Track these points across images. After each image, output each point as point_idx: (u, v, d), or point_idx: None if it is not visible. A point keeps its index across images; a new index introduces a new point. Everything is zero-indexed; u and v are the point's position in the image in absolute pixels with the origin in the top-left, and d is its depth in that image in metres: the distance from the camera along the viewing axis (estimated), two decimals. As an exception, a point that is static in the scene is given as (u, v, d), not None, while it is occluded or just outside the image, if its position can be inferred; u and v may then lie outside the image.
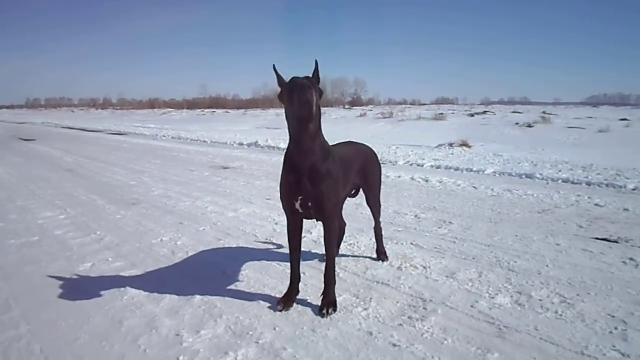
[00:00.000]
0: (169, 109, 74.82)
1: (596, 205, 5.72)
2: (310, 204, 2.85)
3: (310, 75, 2.78)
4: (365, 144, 3.79)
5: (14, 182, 7.97)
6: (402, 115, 31.84)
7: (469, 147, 12.68)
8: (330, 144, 3.01)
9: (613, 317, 2.80)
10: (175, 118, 44.93)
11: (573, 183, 7.24)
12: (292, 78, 2.73)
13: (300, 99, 2.58)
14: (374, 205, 3.75)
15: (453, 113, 37.60)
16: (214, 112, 57.57)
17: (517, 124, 22.34)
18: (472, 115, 32.36)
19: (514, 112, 37.68)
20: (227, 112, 55.36)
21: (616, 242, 4.27)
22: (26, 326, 2.79)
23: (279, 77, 2.83)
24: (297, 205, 2.88)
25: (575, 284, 3.31)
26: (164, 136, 19.74)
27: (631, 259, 3.77)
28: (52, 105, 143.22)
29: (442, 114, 31.44)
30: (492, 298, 3.08)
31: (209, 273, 3.63)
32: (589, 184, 7.12)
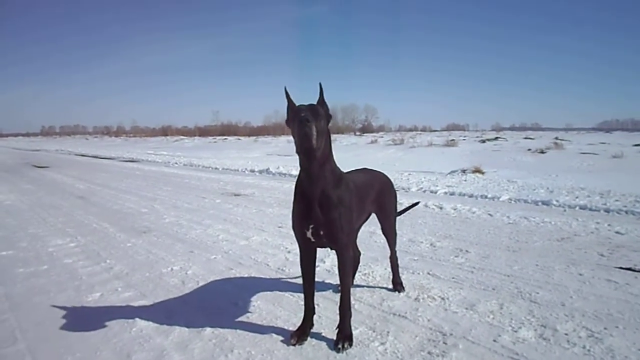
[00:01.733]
0: (181, 136, 75.52)
1: (617, 232, 5.56)
2: (321, 232, 2.76)
3: (317, 100, 2.73)
4: (381, 171, 3.71)
5: (25, 209, 7.96)
6: (413, 141, 31.81)
7: (482, 173, 12.56)
8: (342, 170, 2.94)
9: (644, 352, 2.66)
10: (187, 145, 45.23)
11: (591, 210, 7.08)
12: (298, 106, 2.67)
13: (300, 131, 2.52)
14: (390, 234, 3.65)
15: (464, 139, 37.52)
16: (225, 139, 57.93)
17: (529, 149, 22.17)
18: (484, 141, 32.20)
19: (525, 138, 37.49)
20: (239, 139, 55.70)
21: (641, 271, 4.12)
22: (31, 360, 2.70)
23: (290, 101, 2.78)
24: (309, 234, 2.79)
25: (601, 316, 3.17)
26: (176, 163, 19.81)
27: (658, 290, 3.61)
28: (66, 133, 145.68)
29: (453, 140, 31.36)
30: (515, 331, 2.94)
31: (219, 304, 3.53)
32: (607, 210, 6.96)
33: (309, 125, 2.51)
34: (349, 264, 2.93)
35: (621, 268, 4.21)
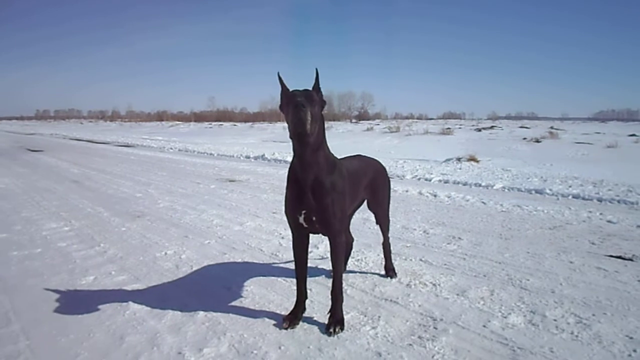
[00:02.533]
0: (177, 122, 75.28)
1: (608, 221, 5.60)
2: (314, 218, 2.78)
3: (312, 85, 2.72)
4: (375, 158, 3.71)
5: (19, 193, 7.94)
6: (409, 129, 31.80)
7: (477, 161, 12.59)
8: (336, 157, 2.94)
9: (631, 338, 2.70)
10: (183, 130, 45.10)
11: (584, 199, 7.12)
12: (292, 91, 2.67)
13: (294, 116, 2.52)
14: (382, 221, 3.67)
15: (460, 127, 37.57)
16: (221, 124, 57.87)
17: (524, 138, 22.26)
18: (479, 130, 32.29)
19: (521, 127, 37.59)
20: (234, 125, 55.63)
21: (630, 259, 4.16)
22: (25, 341, 2.72)
23: (283, 86, 2.77)
24: (301, 220, 2.80)
25: (590, 303, 3.21)
26: (171, 148, 19.75)
27: (647, 278, 3.66)
28: (60, 117, 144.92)
29: (449, 128, 31.43)
30: (505, 317, 2.98)
31: (213, 288, 3.56)
32: (600, 199, 7.00)
33: (303, 111, 2.50)
34: (341, 249, 2.94)
35: (611, 256, 4.26)
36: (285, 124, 2.69)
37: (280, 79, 2.77)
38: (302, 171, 2.72)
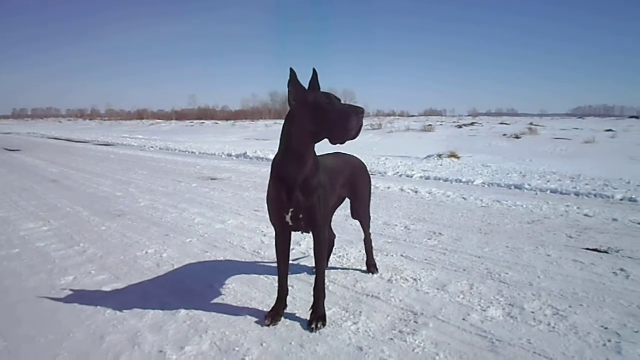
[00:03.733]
0: (158, 120, 74.64)
1: (585, 215, 5.71)
2: (301, 216, 2.77)
3: (308, 84, 2.70)
4: (354, 155, 3.72)
5: (-3, 194, 7.81)
6: (391, 126, 31.89)
7: (458, 158, 12.71)
8: (319, 154, 2.94)
9: (606, 329, 2.76)
10: (164, 129, 44.68)
11: (562, 193, 7.24)
12: (327, 92, 2.61)
13: (358, 123, 2.45)
14: (364, 218, 3.68)
15: (441, 124, 37.82)
16: (202, 123, 57.42)
17: (504, 135, 22.49)
18: (460, 127, 32.54)
19: (501, 124, 37.96)
20: (216, 123, 55.22)
21: (606, 252, 4.25)
22: (3, 342, 2.69)
23: (298, 82, 2.64)
24: (288, 218, 2.79)
25: (567, 295, 3.27)
26: (152, 147, 19.59)
27: (622, 270, 3.74)
28: (39, 116, 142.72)
29: (430, 125, 31.62)
30: (484, 311, 3.02)
31: (194, 287, 3.54)
32: (577, 194, 7.13)
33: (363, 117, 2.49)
34: (324, 246, 2.96)
35: (588, 249, 4.34)
36: (267, 122, 2.69)
37: (294, 74, 2.62)
38: (295, 171, 2.69)
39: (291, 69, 2.62)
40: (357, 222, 3.77)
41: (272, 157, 2.83)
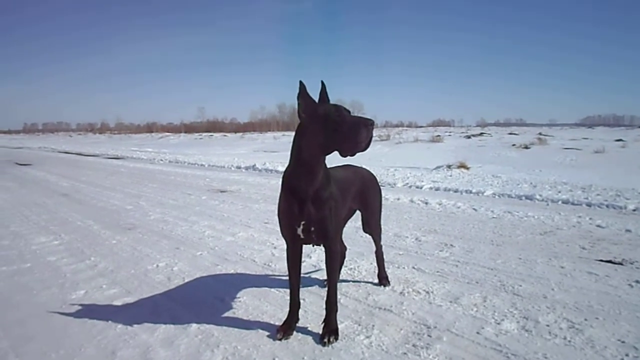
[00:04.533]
0: (167, 133, 75.09)
1: (598, 226, 5.65)
2: (312, 229, 2.76)
3: (318, 97, 2.70)
4: (364, 166, 3.71)
5: (8, 208, 7.86)
6: (399, 137, 31.90)
7: (467, 168, 12.66)
8: (329, 166, 2.94)
9: (623, 342, 2.71)
10: (173, 142, 44.95)
11: (573, 204, 7.18)
12: (337, 105, 2.61)
13: (368, 134, 2.45)
14: (375, 230, 3.66)
15: (449, 135, 37.76)
16: (211, 135, 57.67)
17: (513, 145, 22.41)
18: (469, 137, 32.47)
19: (510, 134, 37.83)
20: (225, 136, 55.45)
21: (620, 264, 4.19)
22: (14, 358, 2.68)
23: (308, 95, 2.64)
24: (299, 231, 2.78)
25: (582, 308, 3.22)
26: (161, 160, 19.68)
27: (637, 282, 3.69)
28: (49, 130, 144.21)
29: (438, 135, 31.57)
30: (498, 324, 2.98)
31: (205, 300, 3.53)
32: (589, 204, 7.06)
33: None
34: (336, 259, 2.93)
35: (601, 261, 4.29)
36: (276, 134, 2.68)
37: (304, 87, 2.62)
38: (307, 183, 2.69)
39: (301, 82, 2.62)
40: (368, 234, 3.75)
41: (280, 168, 2.84)
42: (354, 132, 2.46)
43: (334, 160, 2.82)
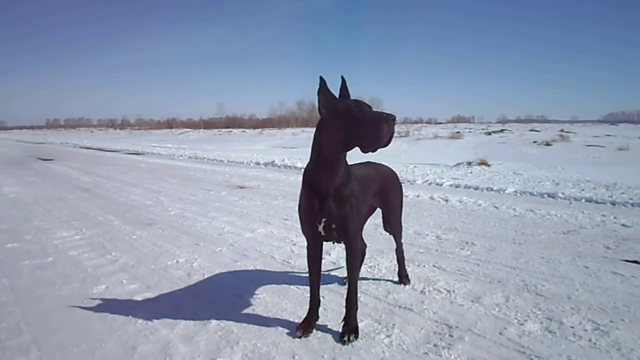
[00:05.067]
0: (186, 129, 75.53)
1: (623, 225, 5.53)
2: (333, 226, 2.73)
3: (338, 93, 2.68)
4: (384, 163, 3.67)
5: (30, 202, 7.98)
6: (419, 133, 31.67)
7: (488, 165, 12.51)
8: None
9: (651, 345, 2.64)
10: (192, 137, 45.20)
11: (597, 202, 7.04)
12: (358, 100, 2.59)
13: (389, 129, 2.42)
14: (396, 227, 3.63)
15: (469, 131, 37.35)
16: (230, 131, 57.88)
17: (535, 142, 22.06)
18: (489, 134, 32.05)
19: (531, 130, 37.27)
20: (244, 132, 55.62)
21: (647, 264, 4.10)
22: (37, 352, 2.71)
23: (328, 90, 2.62)
24: (320, 228, 2.75)
25: (607, 309, 3.15)
26: (181, 155, 19.82)
27: (665, 283, 3.59)
28: (71, 125, 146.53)
29: (458, 132, 31.23)
30: (521, 324, 2.93)
31: (225, 296, 3.53)
32: (613, 203, 6.92)
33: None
34: (356, 256, 2.91)
35: (627, 261, 4.19)
36: (294, 130, 2.66)
37: (324, 82, 2.60)
38: (328, 180, 2.66)
39: (321, 77, 2.60)
40: (388, 232, 3.71)
41: (299, 165, 2.82)
42: (375, 127, 2.42)
43: (355, 156, 2.79)
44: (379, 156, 2.84)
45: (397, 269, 3.79)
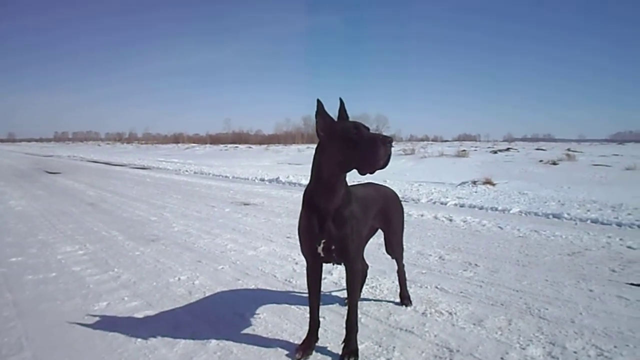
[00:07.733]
0: (193, 144, 75.97)
1: (629, 247, 5.48)
2: (333, 247, 2.73)
3: (337, 114, 2.70)
4: (386, 184, 3.67)
5: (37, 216, 8.02)
6: (424, 151, 31.69)
7: (493, 184, 12.48)
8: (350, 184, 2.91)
9: (655, 373, 2.61)
10: (198, 153, 45.43)
11: (602, 223, 6.99)
12: (356, 122, 2.60)
13: (386, 151, 2.43)
14: (397, 249, 3.61)
15: (475, 149, 37.36)
16: (236, 147, 58.16)
17: (541, 161, 22.03)
18: (495, 152, 32.05)
19: (537, 149, 37.22)
20: (250, 147, 55.87)
21: (653, 288, 4.05)
22: (36, 369, 2.71)
23: (325, 113, 2.64)
24: (320, 249, 2.75)
25: (611, 334, 3.11)
26: (187, 171, 19.89)
27: (670, 308, 3.55)
28: (79, 139, 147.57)
29: (464, 150, 31.24)
30: (523, 349, 2.90)
31: (225, 315, 3.52)
32: (619, 224, 6.87)
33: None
34: (357, 278, 2.90)
35: (632, 284, 4.15)
36: (300, 146, 2.67)
37: (321, 105, 2.63)
38: (327, 201, 2.67)
39: (318, 100, 2.63)
40: (389, 254, 3.70)
41: (304, 182, 2.83)
42: (371, 149, 2.43)
43: (355, 177, 2.80)
44: (384, 174, 2.85)
45: (398, 290, 3.77)
